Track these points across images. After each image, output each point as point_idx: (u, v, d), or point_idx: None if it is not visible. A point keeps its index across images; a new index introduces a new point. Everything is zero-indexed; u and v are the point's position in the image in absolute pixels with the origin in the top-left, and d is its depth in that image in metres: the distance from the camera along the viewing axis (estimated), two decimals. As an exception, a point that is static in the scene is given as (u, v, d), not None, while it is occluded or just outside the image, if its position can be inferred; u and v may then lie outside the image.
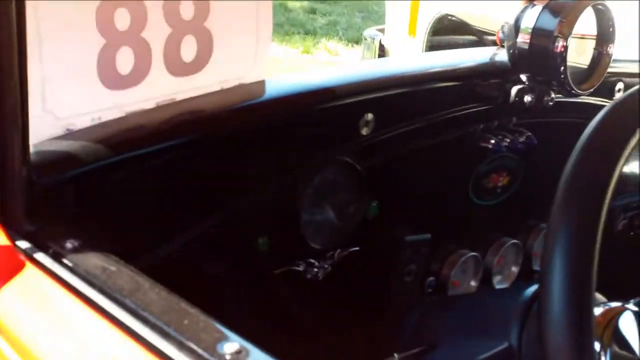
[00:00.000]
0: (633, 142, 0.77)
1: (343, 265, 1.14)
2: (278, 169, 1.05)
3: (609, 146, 0.75)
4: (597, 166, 0.75)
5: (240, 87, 1.08)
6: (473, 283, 1.32)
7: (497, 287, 1.35)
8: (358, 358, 1.10)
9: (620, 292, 1.63)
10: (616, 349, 0.83)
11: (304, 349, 1.15)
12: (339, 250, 1.14)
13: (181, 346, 0.64)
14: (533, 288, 0.89)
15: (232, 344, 0.63)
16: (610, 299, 0.89)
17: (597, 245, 0.72)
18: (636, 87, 0.82)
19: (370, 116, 1.10)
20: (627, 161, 0.77)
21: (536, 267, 1.39)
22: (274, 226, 1.06)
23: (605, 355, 0.82)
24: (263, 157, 1.04)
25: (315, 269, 1.12)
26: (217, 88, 1.05)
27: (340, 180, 1.11)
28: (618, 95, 1.42)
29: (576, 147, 0.76)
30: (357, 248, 1.15)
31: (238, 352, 0.62)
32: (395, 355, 0.90)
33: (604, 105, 1.38)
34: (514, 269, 1.37)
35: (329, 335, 1.17)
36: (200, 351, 0.63)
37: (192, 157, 0.97)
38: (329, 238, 1.12)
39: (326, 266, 1.13)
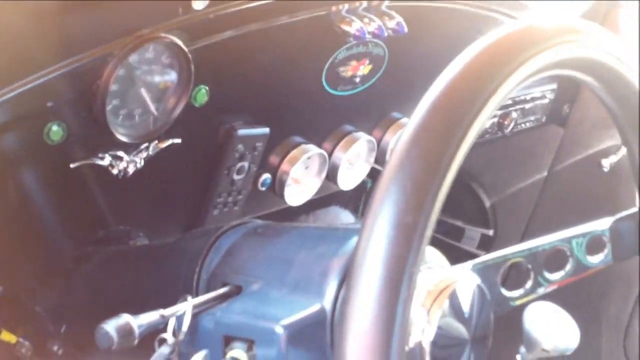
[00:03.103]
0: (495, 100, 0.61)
1: (159, 159, 0.96)
2: (80, 43, 0.84)
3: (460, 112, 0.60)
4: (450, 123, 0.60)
5: None
6: (316, 181, 1.18)
7: (341, 186, 1.21)
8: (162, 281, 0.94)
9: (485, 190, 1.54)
10: (447, 321, 0.71)
11: (105, 256, 0.99)
12: (155, 142, 0.96)
13: None
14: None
15: None
16: (453, 263, 0.76)
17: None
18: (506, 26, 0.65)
19: None
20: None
21: None
22: (72, 112, 0.87)
23: (431, 327, 0.70)
24: (63, 28, 0.83)
25: (125, 164, 0.94)
26: None
27: (162, 61, 0.92)
28: None
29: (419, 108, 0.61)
30: (178, 140, 0.97)
31: None
32: (189, 297, 0.75)
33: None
34: (365, 168, 1.23)
35: (136, 241, 1.01)
36: None
37: None
38: (143, 129, 0.93)
39: (138, 160, 0.95)
